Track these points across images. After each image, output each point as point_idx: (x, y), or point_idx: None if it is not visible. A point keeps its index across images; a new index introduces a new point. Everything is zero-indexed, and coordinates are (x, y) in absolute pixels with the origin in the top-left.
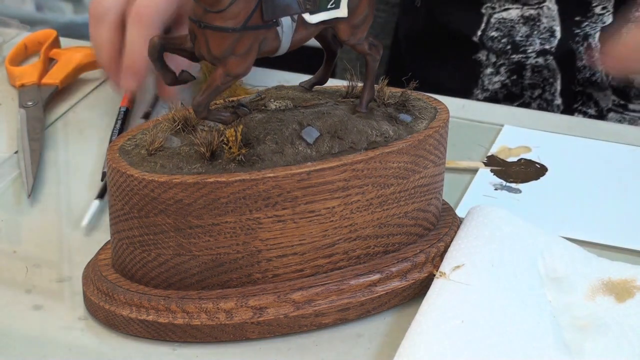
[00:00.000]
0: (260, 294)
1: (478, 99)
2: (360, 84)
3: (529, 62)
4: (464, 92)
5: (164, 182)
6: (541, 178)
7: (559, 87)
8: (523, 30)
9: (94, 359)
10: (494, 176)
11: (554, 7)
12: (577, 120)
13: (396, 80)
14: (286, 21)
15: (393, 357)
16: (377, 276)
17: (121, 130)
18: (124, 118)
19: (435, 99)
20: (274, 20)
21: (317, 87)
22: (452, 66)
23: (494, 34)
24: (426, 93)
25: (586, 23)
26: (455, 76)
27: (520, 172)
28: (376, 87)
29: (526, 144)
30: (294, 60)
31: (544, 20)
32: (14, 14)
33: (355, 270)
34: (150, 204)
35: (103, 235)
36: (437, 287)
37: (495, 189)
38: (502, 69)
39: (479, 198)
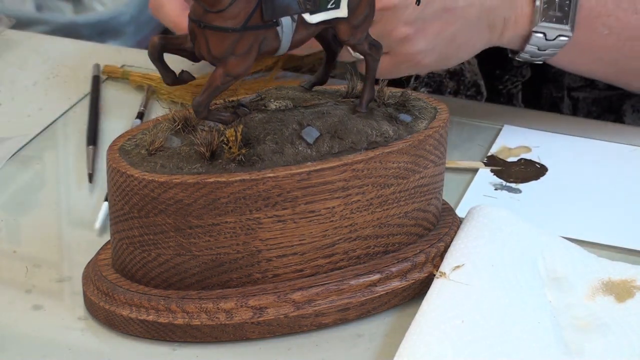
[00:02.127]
0: (260, 294)
1: None
2: (360, 84)
3: None
4: None
5: (164, 182)
6: (541, 178)
7: None
8: (451, 85)
9: (93, 359)
10: (494, 176)
11: (474, 61)
12: (577, 120)
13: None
14: (286, 21)
15: (393, 357)
16: (377, 276)
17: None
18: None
19: (435, 99)
20: (274, 20)
21: (317, 87)
22: None
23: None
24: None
25: (507, 77)
26: None
27: (520, 172)
28: (376, 87)
29: (526, 144)
30: None
31: (467, 74)
32: (14, 14)
33: (355, 270)
34: (150, 204)
35: (103, 235)
36: (437, 287)
37: (495, 189)
38: None
39: (479, 198)
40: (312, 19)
